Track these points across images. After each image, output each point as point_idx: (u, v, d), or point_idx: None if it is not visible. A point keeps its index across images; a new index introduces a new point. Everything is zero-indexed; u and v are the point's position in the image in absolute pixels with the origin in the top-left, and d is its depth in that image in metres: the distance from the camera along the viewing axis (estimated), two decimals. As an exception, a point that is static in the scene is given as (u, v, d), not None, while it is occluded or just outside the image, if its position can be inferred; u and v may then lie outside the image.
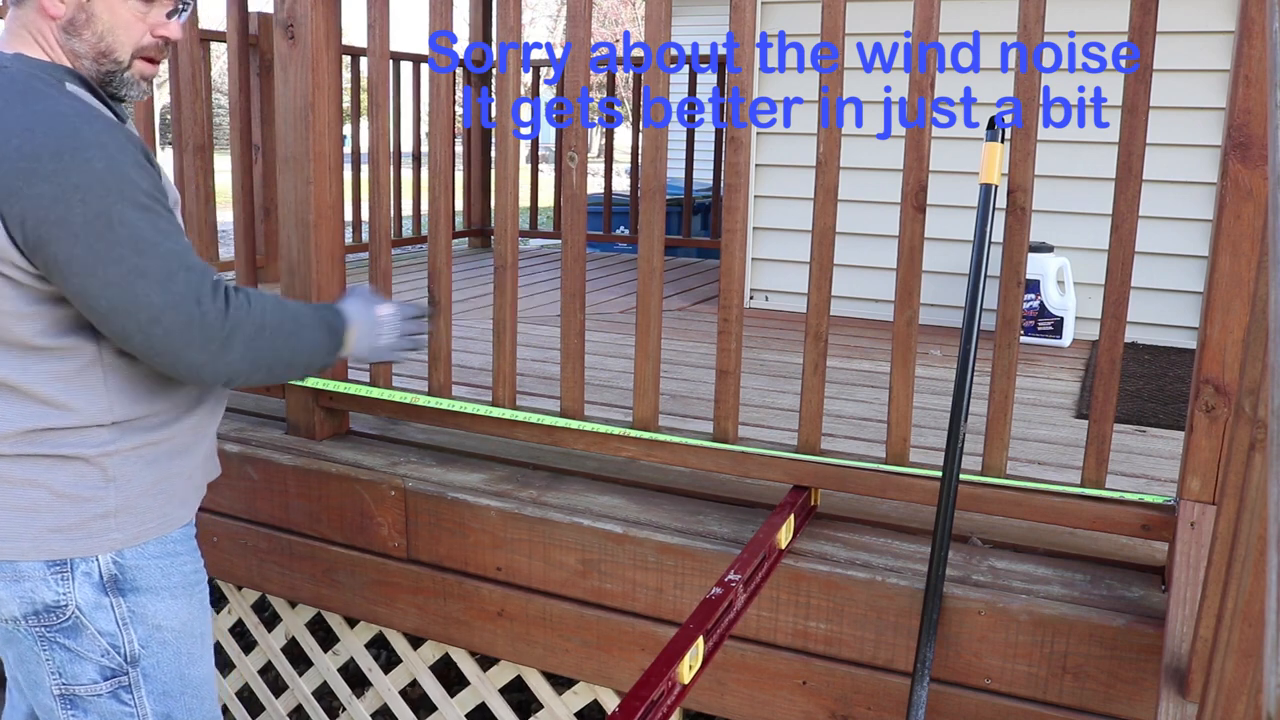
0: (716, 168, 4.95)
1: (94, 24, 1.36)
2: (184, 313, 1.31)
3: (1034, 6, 1.62)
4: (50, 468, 1.35)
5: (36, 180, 1.23)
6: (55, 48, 1.37)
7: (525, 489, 2.08)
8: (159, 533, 1.45)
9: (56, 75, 1.35)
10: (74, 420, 1.35)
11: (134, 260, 1.28)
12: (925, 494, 1.77)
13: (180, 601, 1.48)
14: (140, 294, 1.29)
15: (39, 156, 1.24)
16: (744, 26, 1.78)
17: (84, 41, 1.36)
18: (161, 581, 1.45)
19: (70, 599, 1.38)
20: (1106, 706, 1.60)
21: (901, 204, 1.75)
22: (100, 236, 1.26)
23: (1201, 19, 3.31)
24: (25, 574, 1.36)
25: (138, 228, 1.28)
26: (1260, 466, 1.08)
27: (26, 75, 1.31)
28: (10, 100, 1.28)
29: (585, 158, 1.94)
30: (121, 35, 1.38)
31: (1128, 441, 2.43)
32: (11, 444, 1.34)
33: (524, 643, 2.01)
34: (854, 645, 1.74)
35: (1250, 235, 1.45)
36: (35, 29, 1.36)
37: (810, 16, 2.51)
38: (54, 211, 1.24)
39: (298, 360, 1.51)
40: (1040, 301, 3.55)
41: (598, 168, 17.65)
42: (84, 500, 1.37)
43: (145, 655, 1.44)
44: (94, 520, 1.38)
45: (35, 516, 1.36)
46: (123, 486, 1.40)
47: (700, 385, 2.83)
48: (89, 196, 1.25)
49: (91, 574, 1.39)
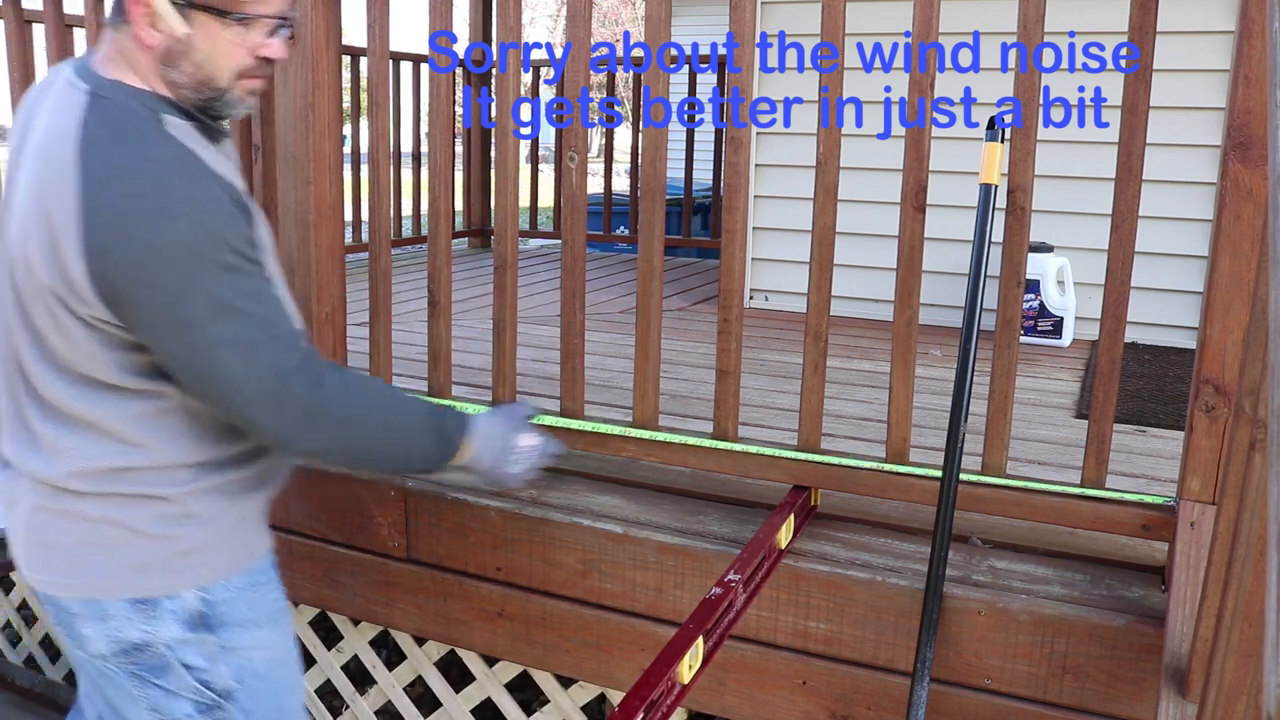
0: (716, 168, 4.95)
1: (192, 54, 1.29)
2: (266, 386, 1.27)
3: (1034, 6, 1.62)
4: (128, 506, 1.32)
5: (123, 239, 1.20)
6: (153, 77, 1.30)
7: (525, 489, 2.08)
8: (243, 565, 1.42)
9: (153, 108, 1.29)
10: (155, 460, 1.32)
11: (217, 329, 1.24)
12: (925, 494, 1.77)
13: (268, 631, 1.45)
14: (221, 363, 1.25)
15: (126, 214, 1.20)
16: (744, 26, 1.78)
17: (182, 72, 1.30)
18: (249, 614, 1.41)
19: (157, 637, 1.35)
20: (1106, 706, 1.60)
21: (901, 204, 1.75)
22: (183, 302, 1.22)
23: (1201, 19, 3.31)
24: (111, 613, 1.34)
25: (223, 293, 1.24)
26: (1260, 466, 1.08)
27: (125, 109, 1.26)
28: (108, 137, 1.23)
29: (585, 158, 1.94)
30: (221, 62, 1.30)
31: (1128, 441, 2.43)
32: (91, 481, 1.31)
33: (524, 643, 2.01)
34: (854, 645, 1.74)
35: (1250, 235, 1.44)
36: (131, 56, 1.29)
37: (810, 16, 2.50)
38: (139, 274, 1.20)
39: (393, 457, 1.47)
40: (1040, 301, 3.55)
41: (598, 168, 17.65)
42: (166, 538, 1.34)
43: (241, 690, 1.41)
44: (177, 557, 1.35)
45: (114, 554, 1.33)
46: (206, 523, 1.36)
47: (700, 385, 2.82)
48: (174, 260, 1.21)
49: (178, 611, 1.35)
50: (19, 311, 1.31)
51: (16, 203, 1.29)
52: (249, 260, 1.28)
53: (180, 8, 1.26)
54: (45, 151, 1.25)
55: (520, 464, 1.59)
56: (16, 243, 1.28)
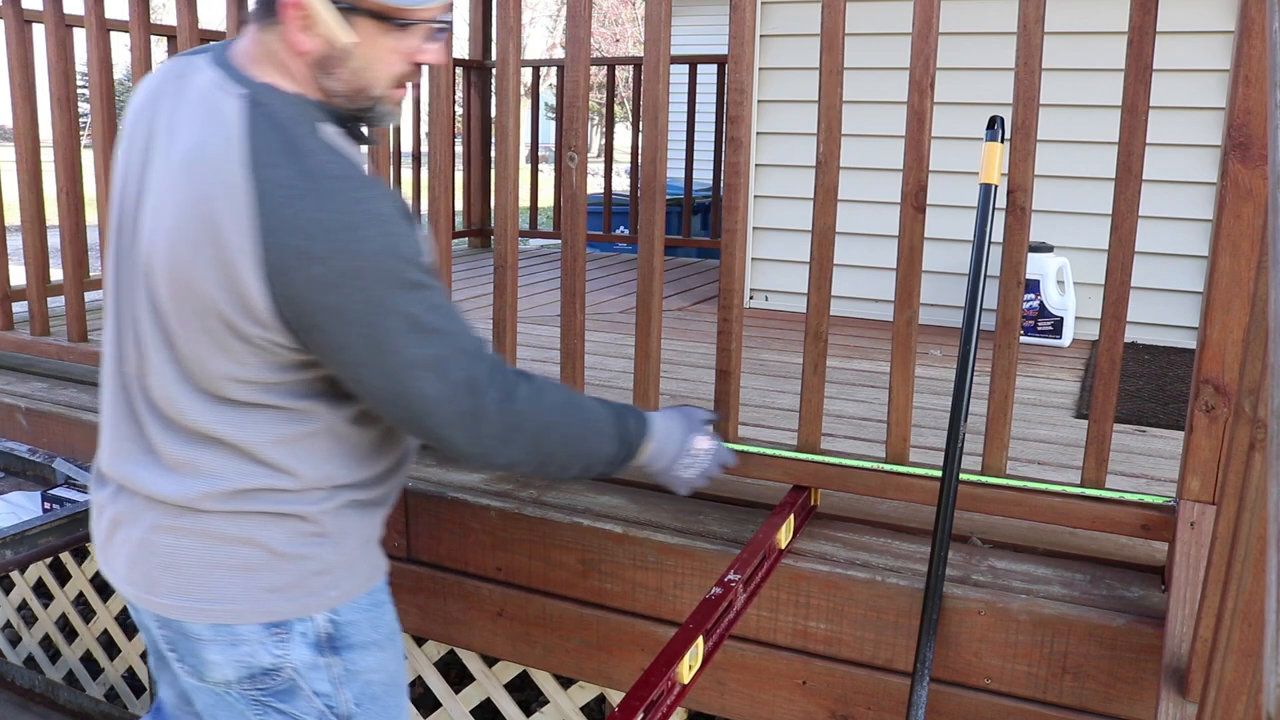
0: (716, 168, 4.94)
1: (349, 60, 1.21)
2: (460, 404, 1.23)
3: (1034, 6, 1.62)
4: (265, 524, 1.27)
5: (310, 262, 1.13)
6: (306, 82, 1.23)
7: (525, 489, 2.08)
8: (369, 585, 1.38)
9: (311, 116, 1.22)
10: (293, 484, 1.27)
11: (410, 350, 1.19)
12: (925, 494, 1.77)
13: (387, 653, 1.40)
14: (415, 385, 1.20)
15: (313, 235, 1.13)
16: (744, 26, 1.78)
17: (338, 79, 1.23)
18: (371, 635, 1.37)
19: (288, 661, 1.29)
20: (1106, 706, 1.60)
21: (901, 204, 1.75)
22: (376, 325, 1.17)
23: (1201, 19, 3.31)
24: (244, 637, 1.27)
25: (414, 313, 1.19)
26: (1260, 466, 1.08)
27: (287, 118, 1.19)
28: (278, 151, 1.16)
29: (585, 158, 1.94)
30: (379, 69, 1.24)
31: (1128, 441, 2.43)
32: (226, 501, 1.26)
33: (524, 643, 2.01)
34: (854, 645, 1.74)
35: (1250, 235, 1.44)
36: (283, 59, 1.22)
37: (810, 16, 2.50)
38: (328, 297, 1.14)
39: (580, 464, 1.41)
40: (1040, 301, 3.55)
41: (598, 168, 17.65)
42: (302, 558, 1.29)
43: (359, 714, 1.36)
44: (311, 578, 1.30)
45: (252, 576, 1.27)
46: (338, 541, 1.32)
47: (700, 385, 2.82)
48: (365, 282, 1.15)
49: (308, 634, 1.30)
50: (158, 331, 1.24)
51: (156, 209, 1.21)
52: (429, 273, 1.22)
53: (342, 12, 1.19)
54: (202, 162, 1.17)
55: (694, 468, 1.56)
56: (163, 256, 1.20)
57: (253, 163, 1.15)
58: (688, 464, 1.55)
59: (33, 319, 2.80)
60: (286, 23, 1.19)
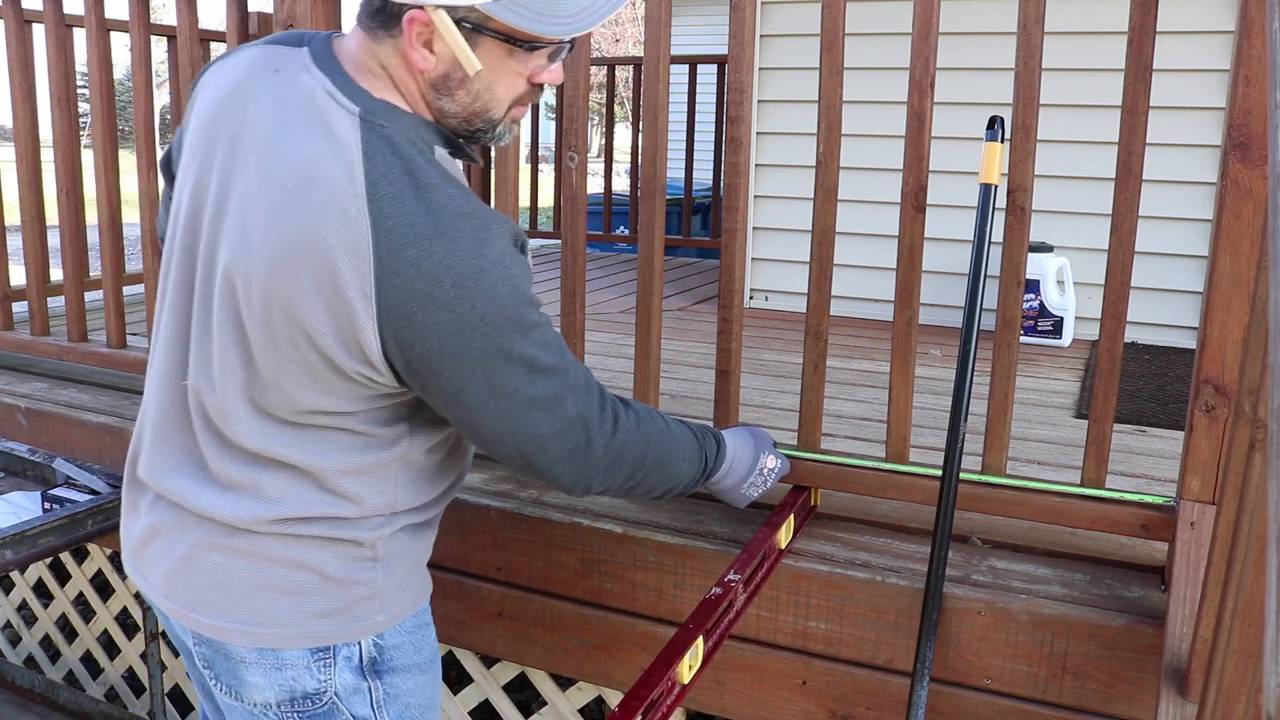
0: (716, 168, 4.95)
1: (471, 82, 1.15)
2: (570, 440, 1.21)
3: (1034, 6, 1.62)
4: (320, 548, 1.23)
5: (434, 308, 1.07)
6: (420, 101, 1.17)
7: (525, 489, 2.08)
8: (415, 608, 1.35)
9: (427, 139, 1.16)
10: (356, 512, 1.24)
11: (527, 392, 1.16)
12: (925, 494, 1.77)
13: (427, 675, 1.37)
14: (529, 425, 1.18)
15: (439, 280, 1.07)
16: (744, 26, 1.78)
17: (456, 101, 1.17)
18: (414, 658, 1.34)
19: (330, 685, 1.26)
20: (1106, 706, 1.60)
21: (901, 204, 1.75)
22: (496, 371, 1.13)
23: (1201, 19, 3.31)
24: (288, 662, 1.24)
25: (532, 354, 1.15)
26: (1260, 466, 1.08)
27: (405, 142, 1.12)
28: (399, 181, 1.09)
29: (585, 158, 1.94)
30: (500, 91, 1.17)
31: (1128, 441, 2.43)
32: (284, 525, 1.21)
33: (524, 643, 2.01)
34: (854, 645, 1.74)
35: (1250, 235, 1.44)
36: (397, 75, 1.15)
37: (810, 16, 2.51)
38: (450, 344, 1.09)
39: (660, 489, 1.40)
40: (1040, 301, 3.55)
41: (598, 168, 17.65)
42: (353, 583, 1.25)
43: None
44: (359, 603, 1.26)
45: (301, 600, 1.23)
46: (390, 566, 1.29)
47: (700, 385, 2.82)
48: (490, 329, 1.10)
49: (352, 658, 1.27)
50: (240, 350, 1.16)
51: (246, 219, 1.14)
52: (539, 306, 1.18)
53: (469, 33, 1.11)
54: (313, 185, 1.09)
55: (759, 487, 1.60)
56: (259, 277, 1.12)
57: (371, 195, 1.08)
58: (755, 482, 1.62)
59: (33, 319, 2.80)
60: (408, 37, 1.11)
